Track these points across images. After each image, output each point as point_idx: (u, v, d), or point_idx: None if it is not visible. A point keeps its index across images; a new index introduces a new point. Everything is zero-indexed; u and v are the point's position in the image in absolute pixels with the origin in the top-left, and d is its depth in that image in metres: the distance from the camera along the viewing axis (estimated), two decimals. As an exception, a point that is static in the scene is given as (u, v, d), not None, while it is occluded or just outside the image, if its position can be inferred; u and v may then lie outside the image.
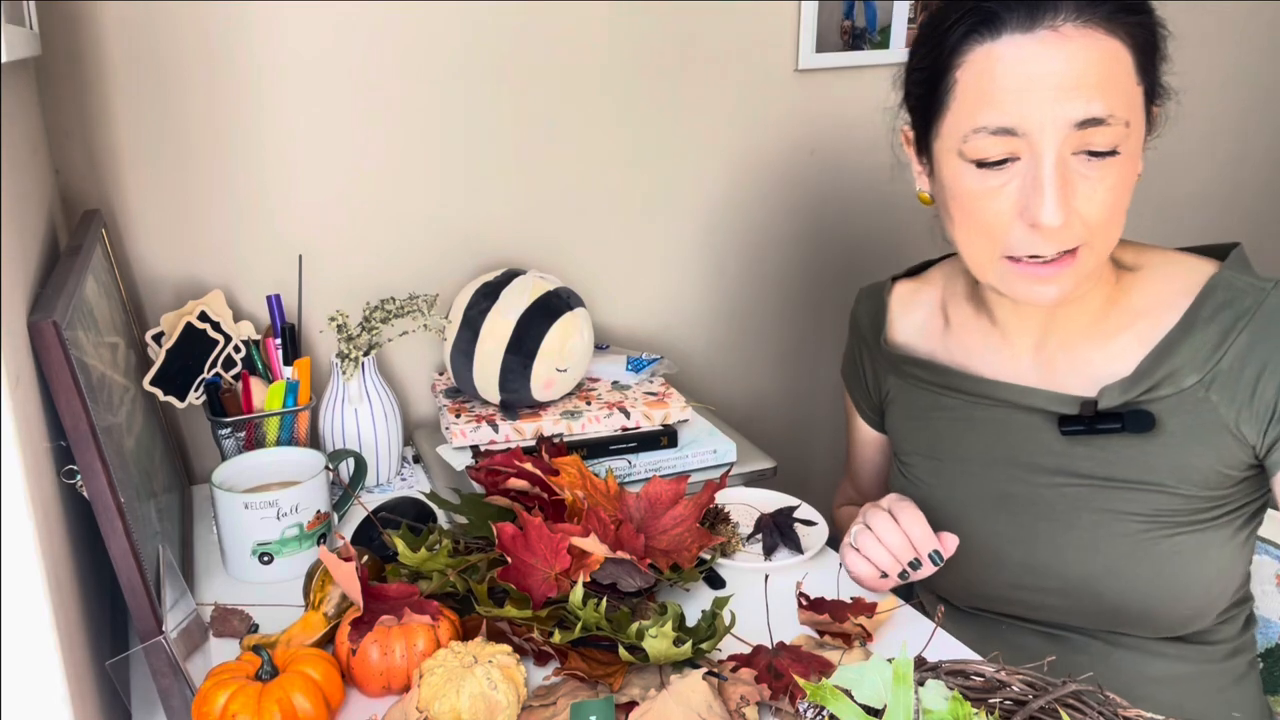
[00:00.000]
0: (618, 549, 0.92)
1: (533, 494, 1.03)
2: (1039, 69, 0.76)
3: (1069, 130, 0.76)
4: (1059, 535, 0.92)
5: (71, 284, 0.83)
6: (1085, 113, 0.75)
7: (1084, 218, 0.79)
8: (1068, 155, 0.78)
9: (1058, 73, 0.76)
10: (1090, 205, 0.79)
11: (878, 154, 1.57)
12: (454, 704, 0.77)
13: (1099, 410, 0.88)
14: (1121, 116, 0.76)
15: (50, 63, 1.11)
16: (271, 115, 1.21)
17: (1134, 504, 0.88)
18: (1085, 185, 0.78)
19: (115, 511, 0.75)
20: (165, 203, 1.19)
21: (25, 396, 0.69)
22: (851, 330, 1.13)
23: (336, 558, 0.86)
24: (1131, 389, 0.87)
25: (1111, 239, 0.83)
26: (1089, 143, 0.77)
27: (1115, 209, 0.80)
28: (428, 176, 1.30)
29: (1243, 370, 0.84)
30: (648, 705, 0.77)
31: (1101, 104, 0.75)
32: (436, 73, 1.27)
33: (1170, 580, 0.88)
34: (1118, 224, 0.82)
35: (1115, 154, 0.77)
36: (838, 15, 1.44)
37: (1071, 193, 0.78)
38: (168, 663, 0.77)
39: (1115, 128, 0.76)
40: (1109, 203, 0.79)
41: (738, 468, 1.23)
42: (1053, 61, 0.76)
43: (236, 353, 1.15)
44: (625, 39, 1.35)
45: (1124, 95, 0.77)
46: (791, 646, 0.86)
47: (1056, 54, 0.76)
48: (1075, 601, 0.92)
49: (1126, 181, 0.80)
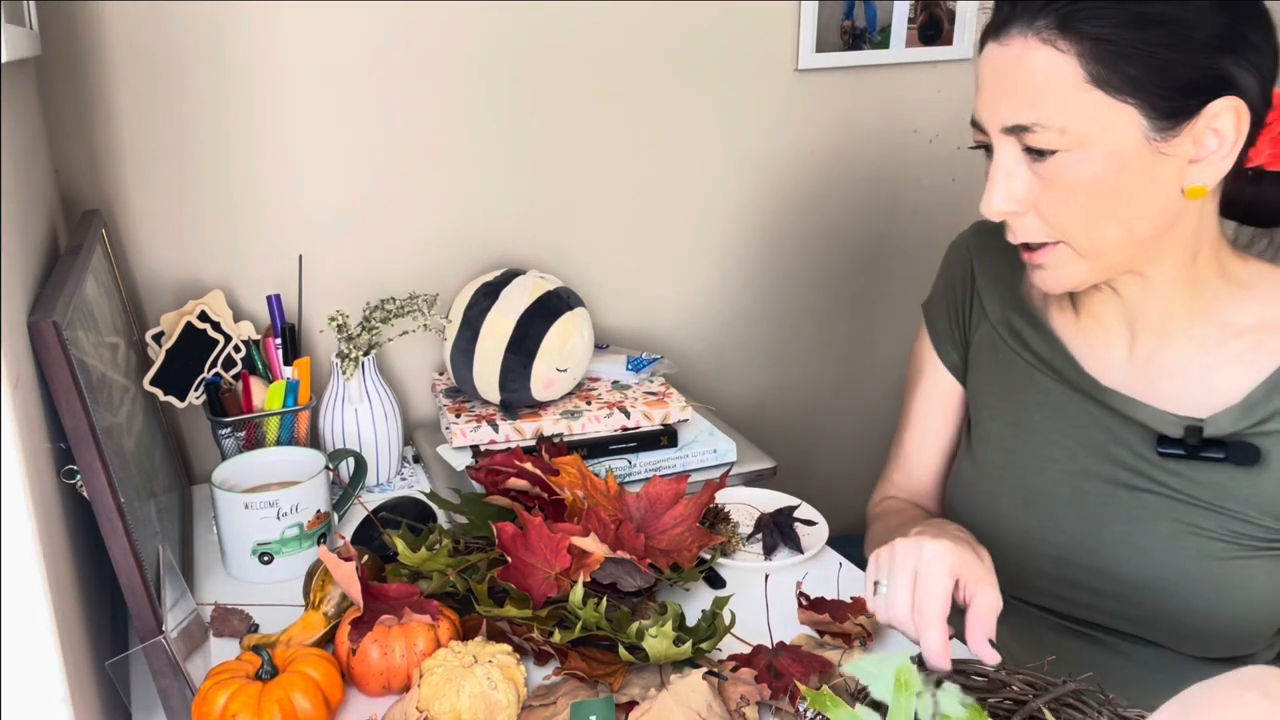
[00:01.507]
0: (618, 549, 0.92)
1: (533, 494, 1.03)
2: (986, 73, 0.83)
3: (1002, 132, 0.82)
4: (1131, 541, 0.90)
5: (71, 284, 0.83)
6: (1011, 119, 0.80)
7: (1041, 213, 0.83)
8: (1018, 152, 0.82)
9: (995, 79, 0.82)
10: (1045, 202, 0.82)
11: (877, 154, 1.57)
12: (454, 704, 0.77)
13: (1204, 438, 0.86)
14: (1051, 124, 0.78)
15: (50, 63, 1.11)
16: (272, 115, 1.21)
17: (1216, 524, 0.86)
18: (1037, 183, 0.82)
19: (115, 511, 0.75)
20: (165, 203, 1.19)
21: (25, 396, 0.69)
22: (959, 261, 1.06)
23: (336, 558, 0.86)
24: (1241, 420, 0.85)
25: (1094, 240, 0.82)
26: (1027, 143, 0.81)
27: (1084, 210, 0.81)
28: (428, 177, 1.30)
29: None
30: (647, 705, 0.77)
31: (1024, 112, 0.79)
32: (437, 73, 1.27)
33: (1236, 601, 0.87)
34: (1098, 226, 0.81)
35: (1055, 153, 0.79)
36: (838, 15, 1.44)
37: (1021, 187, 0.82)
38: (168, 663, 0.77)
39: (1044, 133, 0.79)
40: (1069, 202, 0.81)
41: (738, 468, 1.23)
42: (996, 68, 0.82)
43: (236, 353, 1.15)
44: (625, 39, 1.35)
45: (1058, 103, 0.78)
46: (792, 646, 0.86)
47: (999, 62, 0.81)
48: (1132, 609, 0.90)
49: (1106, 185, 0.79)
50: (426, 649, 0.83)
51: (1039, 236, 0.84)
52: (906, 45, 1.50)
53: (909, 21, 1.49)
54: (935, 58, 1.53)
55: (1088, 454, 0.92)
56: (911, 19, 1.49)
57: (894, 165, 1.58)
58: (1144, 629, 0.91)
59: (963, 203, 1.63)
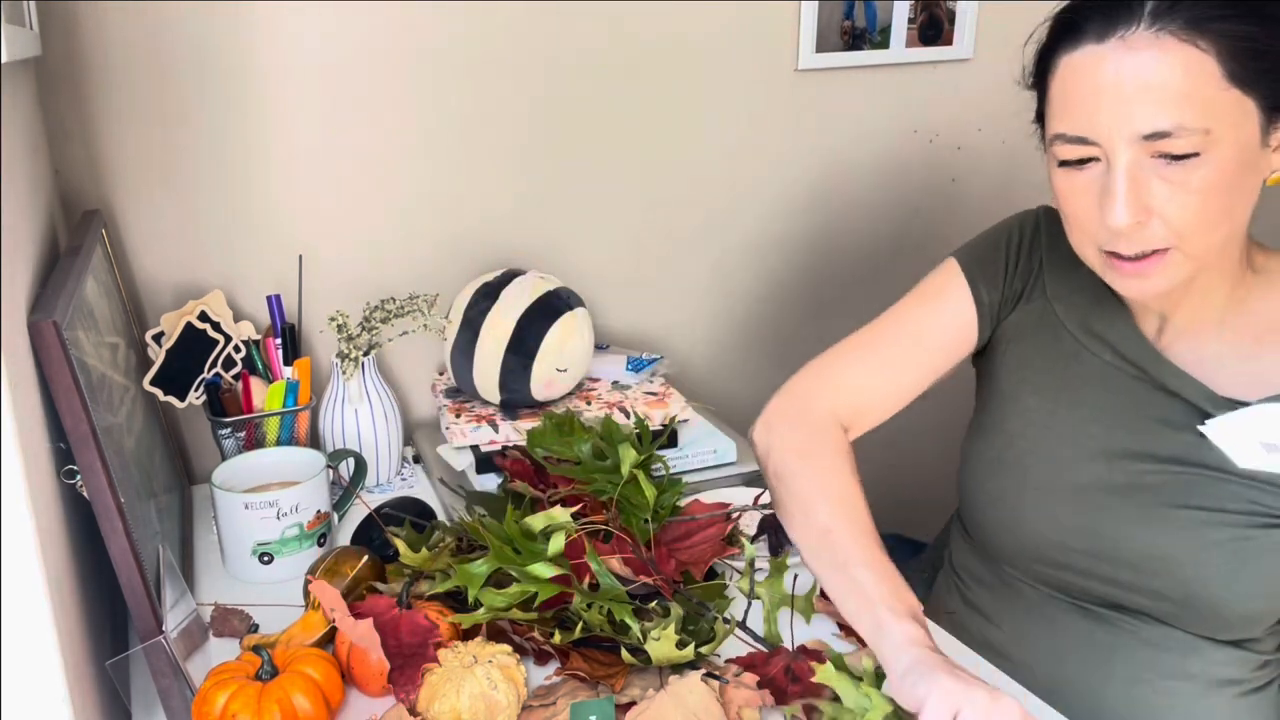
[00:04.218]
0: (641, 574, 0.91)
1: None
2: (1107, 80, 0.78)
3: (1137, 141, 0.78)
4: (1154, 514, 0.90)
5: (71, 284, 0.83)
6: (1151, 126, 0.76)
7: (1167, 220, 0.79)
8: (1144, 159, 0.78)
9: (1124, 84, 0.77)
10: (1173, 207, 0.79)
11: (877, 154, 1.57)
12: (454, 704, 0.77)
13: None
14: (1196, 126, 0.76)
15: (50, 63, 1.11)
16: (272, 115, 1.21)
17: (1240, 496, 0.87)
18: (1165, 188, 0.78)
19: (115, 511, 0.75)
20: (165, 203, 1.19)
21: (25, 396, 0.69)
22: (1026, 231, 1.01)
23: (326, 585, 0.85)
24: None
25: (1208, 242, 0.81)
26: (1163, 149, 0.77)
27: (1207, 211, 0.79)
28: (428, 176, 1.30)
29: None
30: (644, 705, 0.77)
31: (1169, 116, 0.76)
32: (437, 73, 1.27)
33: (1251, 579, 0.87)
34: (1216, 227, 0.80)
35: (1196, 156, 0.77)
36: (838, 15, 1.44)
37: (1148, 195, 0.79)
38: (168, 663, 0.77)
39: (1189, 137, 0.76)
40: (1196, 205, 0.78)
41: (738, 468, 1.23)
42: (1121, 73, 0.77)
43: (236, 353, 1.15)
44: (625, 39, 1.35)
45: (1201, 104, 0.76)
46: (812, 650, 0.86)
47: (1124, 65, 0.77)
48: (1147, 581, 0.90)
49: (1228, 184, 0.78)
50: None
51: (1158, 243, 0.81)
52: (906, 45, 1.50)
53: (909, 21, 1.49)
54: (935, 58, 1.53)
55: (1127, 432, 0.92)
56: (911, 19, 1.49)
57: (894, 165, 1.58)
58: (1161, 607, 0.91)
59: (963, 203, 1.63)
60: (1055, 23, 0.83)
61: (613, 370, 1.33)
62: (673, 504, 1.01)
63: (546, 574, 0.86)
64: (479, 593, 0.86)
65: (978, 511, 1.02)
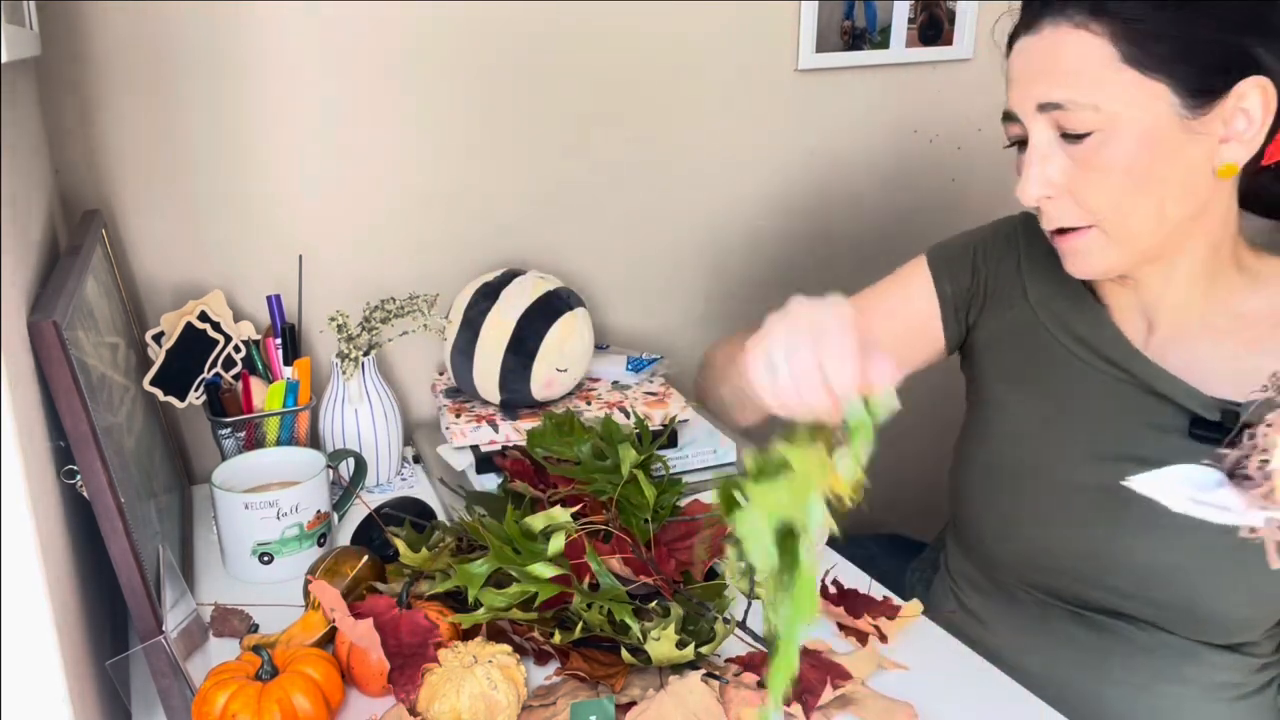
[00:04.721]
0: (641, 574, 0.91)
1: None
2: (1020, 64, 0.86)
3: (1035, 113, 0.84)
4: (1153, 524, 0.88)
5: (71, 284, 0.83)
6: (1045, 97, 0.83)
7: (1077, 197, 0.84)
8: (1053, 136, 0.84)
9: (1031, 63, 0.85)
10: (1081, 185, 0.84)
11: (877, 154, 1.57)
12: (454, 704, 0.77)
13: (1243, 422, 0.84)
14: (1084, 101, 0.81)
15: (50, 63, 1.11)
16: (272, 115, 1.21)
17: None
18: (1071, 166, 0.84)
19: (115, 511, 0.75)
20: (165, 202, 1.19)
21: (25, 396, 0.69)
22: (1004, 239, 1.03)
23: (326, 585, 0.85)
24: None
25: (1132, 225, 0.84)
26: (1061, 124, 0.83)
27: (1115, 190, 0.82)
28: (428, 176, 1.30)
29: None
30: (644, 705, 0.77)
31: (1059, 91, 0.82)
32: (437, 73, 1.27)
33: (1252, 586, 0.87)
34: (1134, 208, 0.83)
35: (1093, 134, 0.82)
36: (838, 15, 1.44)
37: (1056, 171, 0.84)
38: (168, 663, 0.77)
39: (1079, 112, 0.81)
40: (1103, 183, 0.82)
41: (738, 468, 1.23)
42: (1031, 56, 0.85)
43: (236, 353, 1.15)
44: (626, 39, 1.35)
45: (1090, 81, 0.81)
46: (812, 652, 0.86)
47: (1033, 49, 0.85)
48: (1149, 592, 0.90)
49: (1137, 164, 0.81)
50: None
51: (1073, 220, 0.86)
52: (906, 45, 1.50)
53: (909, 21, 1.49)
54: (935, 58, 1.53)
55: (1116, 438, 0.92)
56: (911, 19, 1.49)
57: (894, 165, 1.58)
58: (1158, 613, 0.91)
59: (963, 203, 1.63)
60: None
61: (613, 370, 1.33)
62: (673, 504, 1.01)
63: (546, 574, 0.86)
64: (479, 593, 0.86)
65: (970, 519, 1.02)
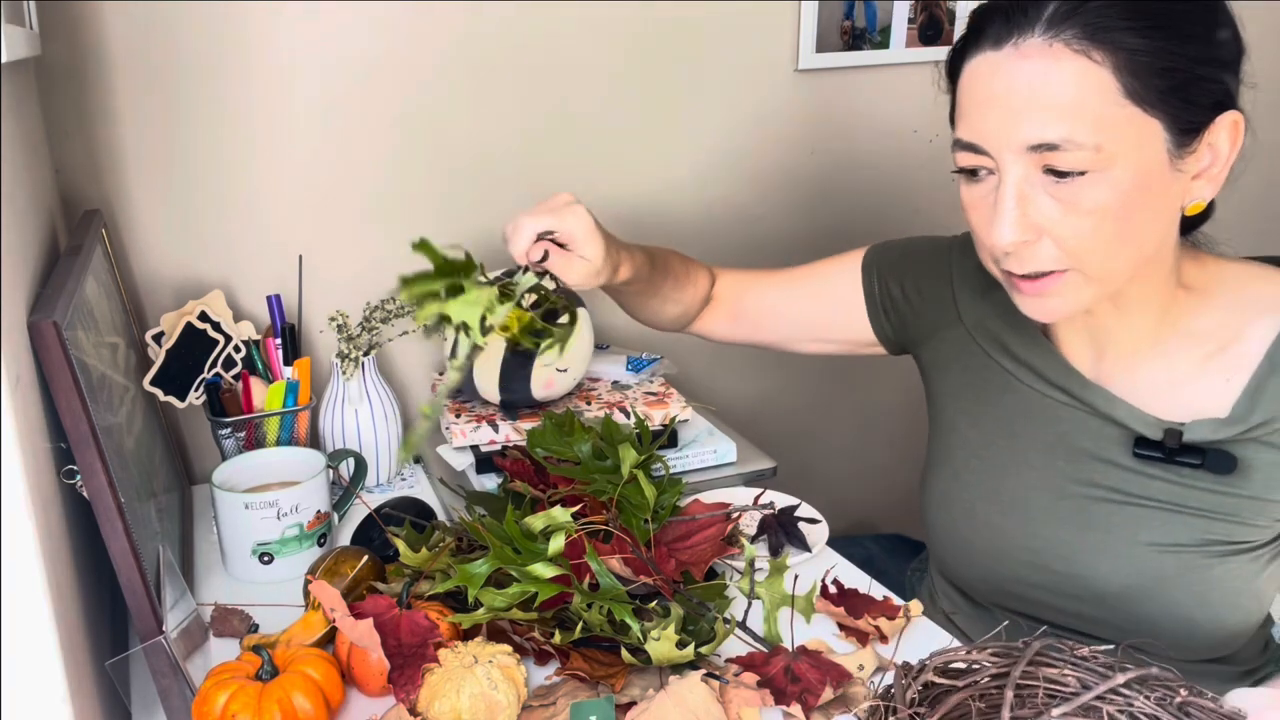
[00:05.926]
0: (641, 574, 0.91)
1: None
2: (998, 88, 0.75)
3: (1024, 152, 0.74)
4: (1108, 548, 0.88)
5: (71, 284, 0.83)
6: (1038, 137, 0.73)
7: (1059, 241, 0.76)
8: (1034, 174, 0.75)
9: (1015, 92, 0.74)
10: (1064, 228, 0.75)
11: (877, 154, 1.57)
12: (454, 704, 0.77)
13: (1183, 443, 0.84)
14: (1086, 141, 0.72)
15: (50, 63, 1.11)
16: (272, 115, 1.21)
17: (1191, 530, 0.85)
18: (1055, 208, 0.75)
19: (115, 511, 0.75)
20: (165, 202, 1.19)
21: (25, 396, 0.69)
22: (937, 258, 1.02)
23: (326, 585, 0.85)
24: (1223, 430, 0.83)
25: (1110, 267, 0.77)
26: (1051, 163, 0.74)
27: (1101, 234, 0.75)
28: (428, 176, 1.30)
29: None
30: (644, 705, 0.77)
31: (1057, 128, 0.72)
32: (436, 72, 1.27)
33: (1217, 604, 0.86)
34: (1116, 252, 0.77)
35: (1085, 174, 0.73)
36: (838, 15, 1.44)
37: (1037, 213, 0.75)
38: (168, 663, 0.77)
39: (1076, 152, 0.72)
40: (1089, 228, 0.75)
41: (738, 468, 1.23)
42: (1012, 82, 0.74)
43: (236, 353, 1.15)
44: (626, 39, 1.35)
45: (1093, 118, 0.72)
46: (812, 652, 0.86)
47: (1016, 74, 0.74)
48: (1111, 615, 0.89)
49: (1125, 207, 0.74)
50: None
51: (1050, 265, 0.77)
52: (906, 45, 1.50)
53: (909, 21, 1.49)
54: (935, 58, 1.51)
55: (1066, 462, 0.90)
56: (911, 19, 1.49)
57: (894, 165, 1.58)
58: (1124, 635, 0.90)
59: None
60: (967, 25, 0.80)
61: (613, 370, 1.33)
62: (673, 504, 1.01)
63: (546, 574, 0.86)
64: (479, 593, 0.86)
65: (937, 544, 1.02)
